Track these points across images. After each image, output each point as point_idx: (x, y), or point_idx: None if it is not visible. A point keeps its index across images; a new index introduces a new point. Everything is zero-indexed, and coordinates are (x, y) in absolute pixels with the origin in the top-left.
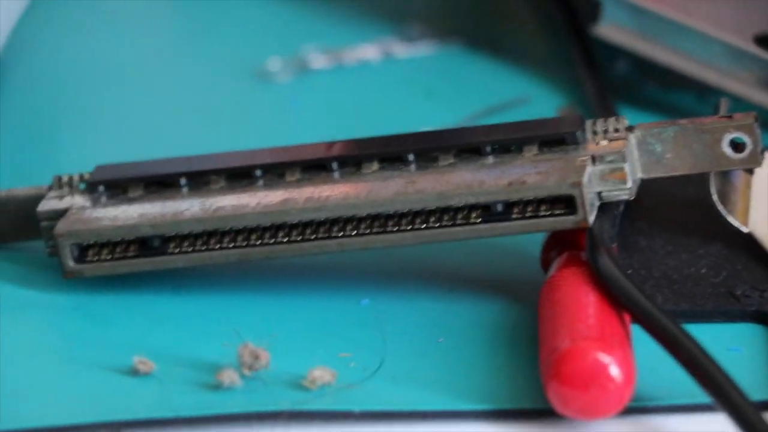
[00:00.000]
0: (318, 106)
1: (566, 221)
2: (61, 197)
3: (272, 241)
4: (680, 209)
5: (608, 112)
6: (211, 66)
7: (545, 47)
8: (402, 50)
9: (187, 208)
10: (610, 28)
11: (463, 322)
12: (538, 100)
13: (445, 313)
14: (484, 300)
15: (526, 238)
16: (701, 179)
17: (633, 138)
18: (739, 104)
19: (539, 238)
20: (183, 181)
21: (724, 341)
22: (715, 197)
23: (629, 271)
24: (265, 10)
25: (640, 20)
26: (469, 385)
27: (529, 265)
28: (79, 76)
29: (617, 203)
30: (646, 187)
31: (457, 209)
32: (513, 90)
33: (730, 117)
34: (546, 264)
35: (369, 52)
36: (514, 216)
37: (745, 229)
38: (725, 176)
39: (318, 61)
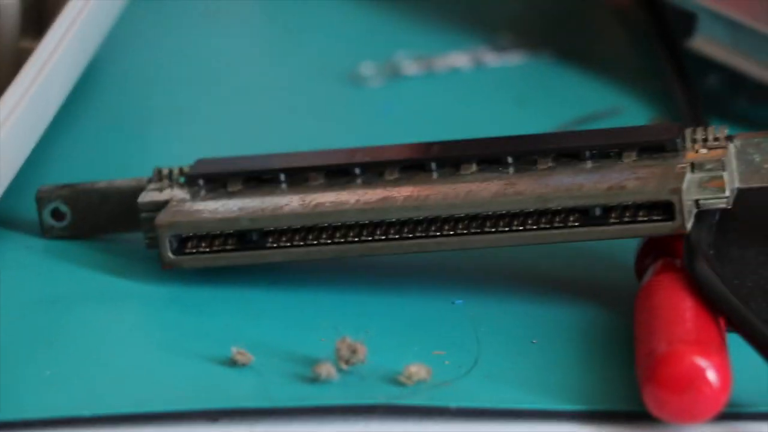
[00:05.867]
0: (409, 111)
1: (664, 227)
2: (161, 189)
3: (370, 238)
4: None
5: (700, 124)
6: (304, 68)
7: (635, 59)
8: (492, 59)
9: (287, 203)
10: (705, 41)
11: (557, 325)
12: (628, 112)
13: (539, 315)
14: (578, 304)
15: (619, 246)
16: None
17: (732, 147)
18: None
19: (632, 246)
20: (282, 176)
21: None
22: None
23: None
24: (359, 16)
25: (734, 34)
26: (563, 386)
27: (622, 271)
28: (176, 73)
29: (713, 211)
30: (739, 196)
31: (555, 212)
32: (603, 101)
33: None
34: (640, 271)
35: (460, 60)
36: (611, 220)
37: None
38: None
39: (410, 67)
